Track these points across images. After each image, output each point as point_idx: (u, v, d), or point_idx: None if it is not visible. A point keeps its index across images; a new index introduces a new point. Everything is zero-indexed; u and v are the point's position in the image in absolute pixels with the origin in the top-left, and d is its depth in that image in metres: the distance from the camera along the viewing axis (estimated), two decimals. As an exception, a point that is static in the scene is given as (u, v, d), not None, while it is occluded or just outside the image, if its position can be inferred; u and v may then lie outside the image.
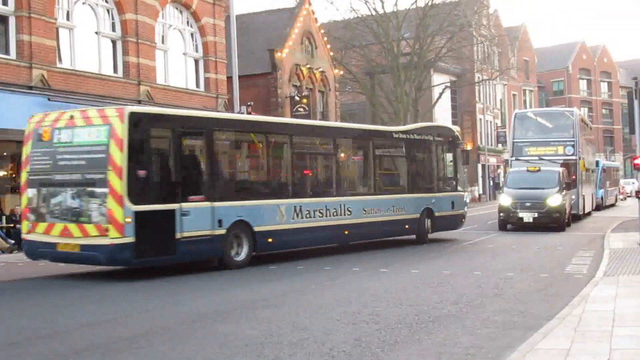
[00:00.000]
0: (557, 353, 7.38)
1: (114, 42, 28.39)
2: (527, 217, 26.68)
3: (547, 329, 8.63)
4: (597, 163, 44.54)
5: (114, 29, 28.32)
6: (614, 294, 11.05)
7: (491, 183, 69.56)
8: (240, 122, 18.89)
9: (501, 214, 27.53)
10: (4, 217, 23.99)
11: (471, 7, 57.22)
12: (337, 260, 17.91)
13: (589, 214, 36.47)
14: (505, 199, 27.52)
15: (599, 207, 42.26)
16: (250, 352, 8.03)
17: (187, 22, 32.41)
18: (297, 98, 39.68)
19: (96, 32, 27.60)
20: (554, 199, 26.60)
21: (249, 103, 25.37)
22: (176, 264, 15.73)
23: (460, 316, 9.94)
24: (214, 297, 12.30)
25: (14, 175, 25.52)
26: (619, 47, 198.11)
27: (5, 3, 24.00)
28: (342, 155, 20.74)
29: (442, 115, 65.05)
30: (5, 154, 25.64)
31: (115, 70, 28.39)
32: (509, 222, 27.45)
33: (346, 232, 19.72)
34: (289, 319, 9.85)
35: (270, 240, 17.17)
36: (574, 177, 31.34)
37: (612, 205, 49.63)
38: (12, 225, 23.39)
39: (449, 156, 24.70)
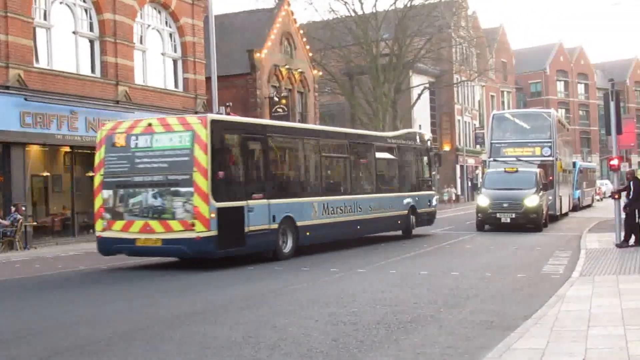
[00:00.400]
0: (534, 353, 7.43)
1: (91, 42, 28.26)
2: (505, 217, 26.80)
3: (524, 328, 8.67)
4: (574, 164, 44.87)
5: (91, 29, 28.20)
6: (590, 294, 11.14)
7: (469, 184, 69.87)
8: (286, 129, 21.10)
9: (479, 215, 27.65)
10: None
11: (450, 9, 57.43)
12: (315, 260, 17.94)
13: (565, 214, 36.73)
14: (483, 200, 27.63)
15: (575, 208, 42.57)
16: (228, 353, 8.02)
17: (166, 22, 32.31)
18: (276, 99, 39.66)
19: (74, 32, 27.47)
20: (532, 200, 26.75)
21: (227, 103, 25.38)
22: (246, 254, 17.36)
23: (438, 316, 9.98)
24: (194, 297, 12.27)
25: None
26: (596, 49, 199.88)
27: (-19, 2, 23.84)
28: (354, 158, 22.73)
29: (421, 116, 65.28)
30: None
31: (93, 70, 28.26)
32: (486, 223, 27.56)
33: (358, 227, 22.06)
34: (267, 320, 9.84)
35: (307, 233, 19.21)
36: (551, 178, 31.54)
37: (589, 205, 50.02)
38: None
39: (425, 159, 27.55)
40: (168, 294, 12.85)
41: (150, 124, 16.51)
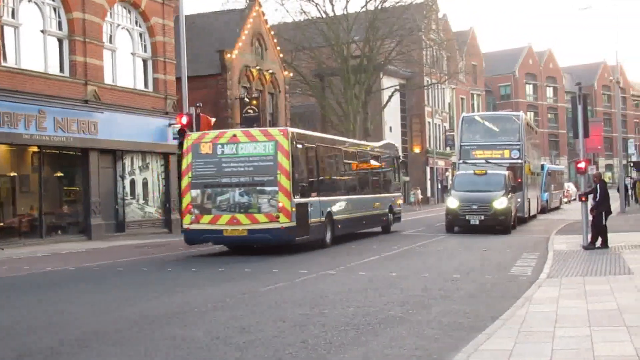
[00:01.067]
0: (501, 354, 7.50)
1: (60, 41, 28.00)
2: (474, 219, 26.90)
3: (492, 330, 8.75)
4: (542, 167, 45.25)
5: (60, 28, 27.94)
6: (557, 295, 11.26)
7: (439, 186, 70.19)
8: (326, 139, 24.94)
9: (449, 217, 27.75)
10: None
11: (420, 12, 57.70)
12: (285, 262, 17.94)
13: (534, 216, 37.05)
14: (452, 202, 27.72)
15: (544, 210, 42.94)
16: (197, 355, 8.00)
17: (136, 22, 32.10)
18: (246, 99, 39.57)
19: (42, 31, 27.19)
20: (500, 202, 26.92)
21: (197, 104, 25.24)
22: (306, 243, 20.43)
23: (407, 318, 10.02)
24: (164, 298, 12.21)
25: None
26: (565, 53, 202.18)
27: (-52, 0, 23.50)
28: (361, 164, 26.91)
29: (391, 118, 65.51)
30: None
31: (61, 69, 28.00)
32: (456, 225, 27.66)
33: (364, 222, 26.26)
34: (236, 322, 9.83)
35: (339, 226, 22.86)
36: (519, 180, 31.77)
37: (557, 208, 50.48)
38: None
39: (396, 165, 31.97)
40: (140, 295, 12.77)
41: (235, 135, 19.91)
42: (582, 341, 7.93)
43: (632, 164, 65.03)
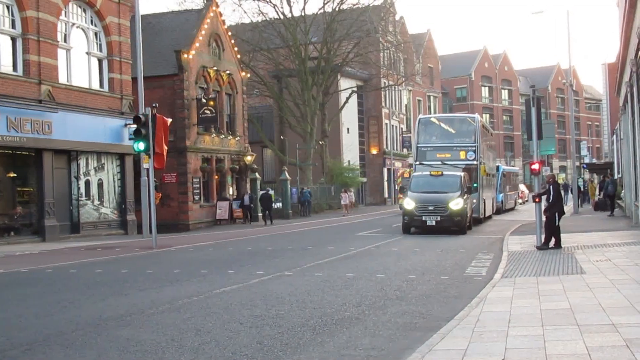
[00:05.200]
0: (455, 353, 7.56)
1: (13, 40, 27.58)
2: (430, 220, 27.04)
3: (446, 329, 8.82)
4: (497, 168, 45.78)
5: (13, 26, 27.52)
6: (511, 295, 11.39)
7: (396, 187, 70.55)
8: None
9: (405, 218, 27.85)
10: None
11: (378, 14, 58.00)
12: (240, 263, 17.87)
13: (489, 217, 37.43)
14: (409, 203, 27.83)
15: (499, 211, 43.43)
16: (151, 357, 7.93)
17: (91, 21, 31.75)
18: (203, 100, 39.38)
19: (-5, 29, 26.75)
20: (456, 203, 27.11)
21: (154, 104, 24.96)
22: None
23: (363, 318, 10.06)
24: (116, 300, 12.06)
25: None
26: (519, 56, 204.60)
27: None
28: None
29: (349, 119, 65.69)
30: None
31: (15, 68, 27.58)
32: (412, 226, 27.77)
33: None
34: (191, 323, 9.76)
35: None
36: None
37: (512, 209, 51.06)
38: None
39: None
40: (93, 297, 12.60)
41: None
42: (535, 340, 8.03)
43: (584, 166, 66.15)
